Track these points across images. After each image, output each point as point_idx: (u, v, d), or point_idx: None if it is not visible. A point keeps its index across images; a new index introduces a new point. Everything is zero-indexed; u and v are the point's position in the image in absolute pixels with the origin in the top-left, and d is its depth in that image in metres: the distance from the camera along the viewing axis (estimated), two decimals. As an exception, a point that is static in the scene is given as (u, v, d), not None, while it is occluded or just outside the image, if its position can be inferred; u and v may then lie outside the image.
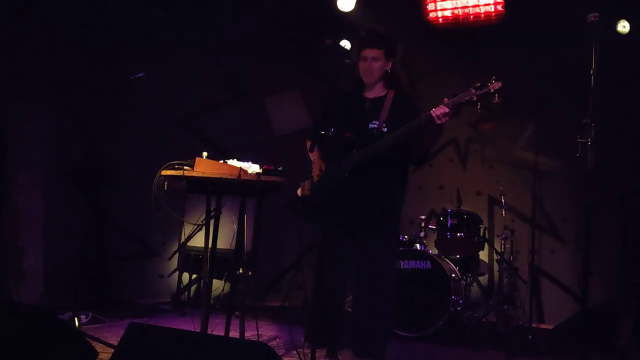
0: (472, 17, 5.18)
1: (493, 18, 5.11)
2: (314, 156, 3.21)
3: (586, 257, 3.09)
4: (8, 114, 4.30)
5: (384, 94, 3.18)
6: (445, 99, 2.88)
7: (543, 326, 4.87)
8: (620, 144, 4.89)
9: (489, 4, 5.07)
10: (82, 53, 5.02)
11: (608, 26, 4.39)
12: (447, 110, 2.83)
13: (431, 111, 2.86)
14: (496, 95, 2.79)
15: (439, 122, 2.85)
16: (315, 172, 3.14)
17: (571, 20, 4.92)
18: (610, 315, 3.99)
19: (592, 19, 3.10)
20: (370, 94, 3.21)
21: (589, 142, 3.09)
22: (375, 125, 3.06)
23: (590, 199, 3.13)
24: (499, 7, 5.03)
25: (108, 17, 5.03)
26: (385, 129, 3.05)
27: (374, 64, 3.11)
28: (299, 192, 3.26)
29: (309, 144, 3.28)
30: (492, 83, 2.80)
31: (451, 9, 5.17)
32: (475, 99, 2.81)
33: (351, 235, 3.16)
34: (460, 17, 5.17)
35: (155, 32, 5.33)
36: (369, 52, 3.11)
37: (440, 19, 5.23)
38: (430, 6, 5.19)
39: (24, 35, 4.41)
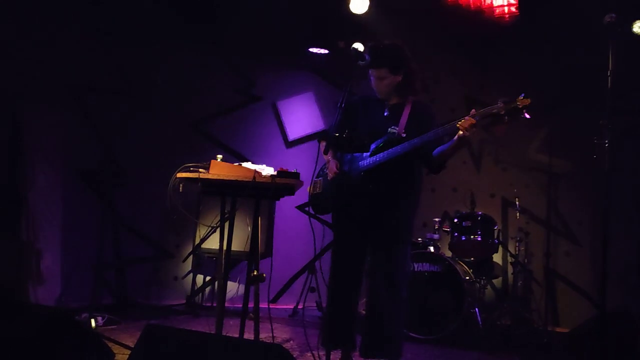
0: (486, 16, 5.14)
1: (507, 19, 5.08)
2: (328, 156, 3.22)
3: (604, 260, 3.06)
4: (25, 118, 4.36)
5: (402, 101, 3.20)
6: (473, 110, 2.86)
7: (558, 329, 4.83)
8: (637, 146, 4.83)
9: (502, 6, 5.04)
10: (98, 57, 5.07)
11: (624, 27, 4.36)
12: (474, 122, 2.82)
13: (457, 124, 2.84)
14: (524, 110, 2.77)
15: (466, 134, 2.82)
16: (332, 171, 3.15)
17: (587, 21, 4.90)
18: (628, 319, 3.94)
19: (609, 19, 3.07)
20: (390, 101, 3.24)
21: (605, 143, 3.06)
22: (395, 130, 3.08)
23: (607, 202, 3.10)
24: (513, 9, 5.00)
25: (124, 22, 5.07)
26: (404, 135, 3.06)
27: (381, 82, 3.14)
28: (309, 189, 3.28)
29: (322, 144, 3.29)
30: (521, 99, 2.78)
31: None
32: (503, 112, 2.80)
33: (365, 236, 3.17)
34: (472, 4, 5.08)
35: (169, 37, 5.37)
36: (375, 73, 3.14)
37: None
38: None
39: (39, 40, 4.46)
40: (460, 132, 2.83)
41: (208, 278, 5.40)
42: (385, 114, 3.19)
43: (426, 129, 3.02)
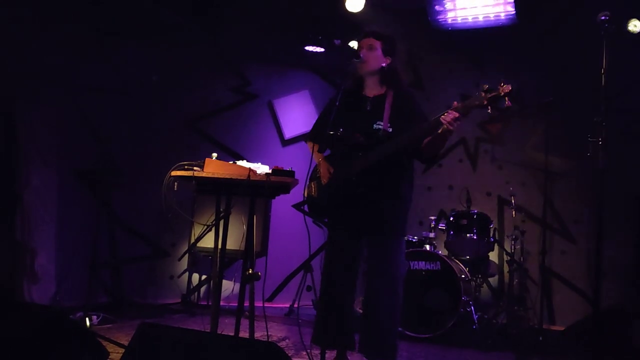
0: (481, 18, 5.15)
1: (503, 19, 5.08)
2: (318, 157, 3.20)
3: (598, 258, 3.06)
4: (20, 116, 4.34)
5: (383, 92, 3.17)
6: (455, 103, 2.84)
7: (554, 327, 4.84)
8: (631, 144, 4.85)
9: (499, 5, 5.03)
10: (94, 56, 5.06)
11: (619, 25, 4.37)
12: (457, 115, 2.80)
13: (441, 118, 2.83)
14: (506, 98, 2.74)
15: (450, 128, 2.81)
16: (324, 175, 3.13)
17: (581, 19, 4.91)
18: (622, 317, 3.96)
19: (602, 18, 3.07)
20: (370, 92, 3.20)
21: (600, 141, 3.06)
22: (380, 126, 3.05)
23: (602, 200, 3.10)
24: (509, 8, 4.99)
25: (122, 21, 5.06)
26: (390, 129, 3.04)
27: (370, 52, 3.12)
28: (305, 193, 3.26)
29: (310, 144, 3.28)
30: (502, 86, 2.73)
31: (460, 8, 5.14)
32: (485, 102, 2.76)
33: (360, 235, 3.16)
34: (470, 20, 5.14)
35: (166, 35, 5.36)
36: (366, 41, 3.16)
37: (449, 20, 5.20)
38: (439, 7, 5.16)
39: (37, 39, 4.44)
40: (445, 126, 2.83)
41: (204, 277, 5.39)
42: (368, 107, 3.15)
43: (411, 119, 3.00)
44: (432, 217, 4.80)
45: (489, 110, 2.78)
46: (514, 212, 4.79)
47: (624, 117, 4.87)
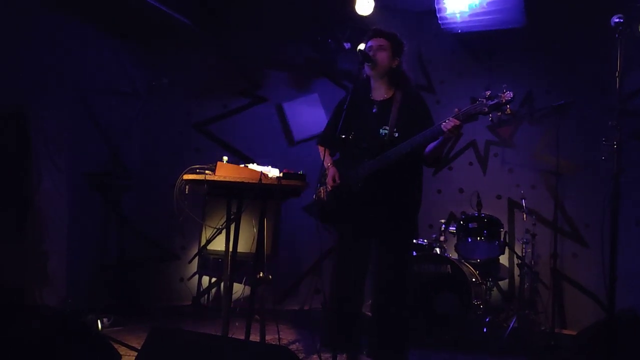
0: (490, 20, 5.12)
1: (512, 21, 5.05)
2: (327, 162, 3.20)
3: (612, 263, 3.04)
4: (32, 120, 4.37)
5: (390, 96, 3.15)
6: (456, 109, 2.83)
7: (565, 332, 4.81)
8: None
9: (508, 8, 5.00)
10: (105, 59, 5.08)
11: (632, 27, 4.32)
12: (457, 122, 2.79)
13: (442, 125, 2.82)
14: (508, 106, 2.73)
15: (451, 135, 2.81)
16: (329, 183, 3.13)
17: (593, 21, 4.88)
18: (636, 321, 3.92)
19: (617, 20, 3.05)
20: (378, 96, 3.18)
21: (614, 145, 3.04)
22: (387, 131, 3.04)
23: (615, 203, 3.07)
24: (519, 11, 4.96)
25: (131, 24, 5.08)
26: (396, 134, 3.02)
27: (379, 53, 3.10)
28: (315, 196, 3.27)
29: (320, 148, 3.28)
30: (504, 93, 2.73)
31: (469, 12, 5.12)
32: (486, 109, 2.76)
33: (368, 239, 3.15)
34: (478, 21, 5.12)
35: (176, 39, 5.38)
36: (375, 42, 3.13)
37: (459, 20, 5.17)
38: (449, 11, 5.14)
39: (47, 42, 4.48)
40: (445, 134, 2.82)
41: (214, 279, 5.40)
42: (374, 110, 3.14)
43: (418, 122, 2.99)
44: (442, 220, 4.78)
45: (491, 118, 2.79)
46: (524, 215, 4.76)
47: (638, 119, 4.83)
